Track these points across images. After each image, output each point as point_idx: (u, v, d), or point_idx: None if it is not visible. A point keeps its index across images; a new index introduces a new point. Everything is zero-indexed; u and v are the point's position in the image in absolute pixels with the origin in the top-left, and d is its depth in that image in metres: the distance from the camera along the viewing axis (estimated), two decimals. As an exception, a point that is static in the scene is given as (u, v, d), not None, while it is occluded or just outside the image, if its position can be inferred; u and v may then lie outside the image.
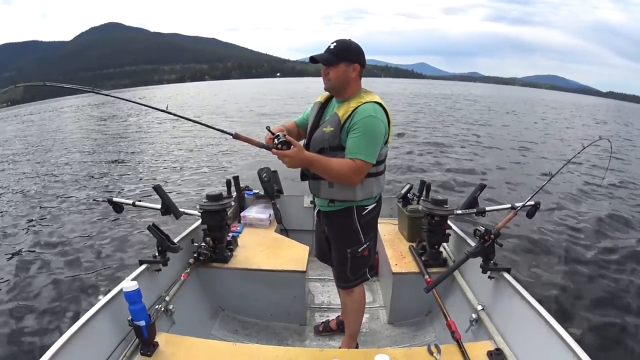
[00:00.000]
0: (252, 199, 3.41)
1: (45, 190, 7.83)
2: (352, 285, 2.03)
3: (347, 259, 1.94)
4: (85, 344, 1.49)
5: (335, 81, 1.77)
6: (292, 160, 1.62)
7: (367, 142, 1.69)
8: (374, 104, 1.72)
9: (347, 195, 1.82)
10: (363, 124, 1.67)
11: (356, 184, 1.76)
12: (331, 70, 1.75)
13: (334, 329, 2.44)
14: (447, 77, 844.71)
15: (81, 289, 3.90)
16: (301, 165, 1.70)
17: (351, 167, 1.68)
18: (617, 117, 34.82)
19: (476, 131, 15.53)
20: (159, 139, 13.76)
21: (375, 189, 1.87)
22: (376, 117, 1.69)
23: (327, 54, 1.75)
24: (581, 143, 2.21)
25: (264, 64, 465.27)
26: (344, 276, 2.01)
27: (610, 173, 8.80)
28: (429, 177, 7.03)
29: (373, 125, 1.69)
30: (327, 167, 1.69)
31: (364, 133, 1.68)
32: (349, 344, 2.16)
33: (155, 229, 2.07)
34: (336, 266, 2.05)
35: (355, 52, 1.77)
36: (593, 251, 4.85)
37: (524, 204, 2.16)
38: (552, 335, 1.47)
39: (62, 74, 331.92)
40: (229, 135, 1.68)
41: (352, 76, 1.77)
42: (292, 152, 1.60)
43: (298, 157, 1.62)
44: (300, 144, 1.68)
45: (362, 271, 2.01)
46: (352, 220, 1.87)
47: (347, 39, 1.79)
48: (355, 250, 1.91)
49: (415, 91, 56.05)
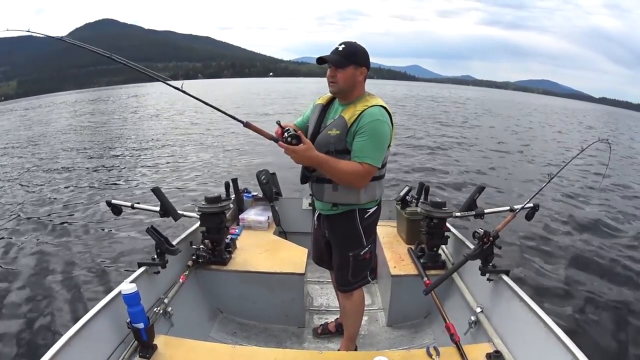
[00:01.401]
0: (250, 201, 3.41)
1: (43, 192, 7.80)
2: (353, 289, 2.03)
3: (349, 263, 1.93)
4: (84, 346, 1.48)
5: (343, 84, 1.75)
6: (299, 157, 1.61)
7: (375, 145, 1.69)
8: (380, 108, 1.72)
9: (351, 198, 1.82)
10: (370, 127, 1.67)
11: (362, 187, 1.77)
12: (339, 72, 1.73)
13: (333, 332, 2.43)
14: (440, 79, 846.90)
15: (80, 291, 3.88)
16: (308, 162, 1.67)
17: (359, 171, 1.68)
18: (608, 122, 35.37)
19: (475, 134, 15.59)
20: (157, 140, 13.73)
21: (378, 192, 1.88)
22: (383, 121, 1.70)
23: (336, 56, 1.73)
24: (580, 145, 2.22)
25: (257, 64, 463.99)
26: (345, 280, 2.00)
27: (609, 174, 8.83)
28: (427, 180, 7.04)
29: (380, 129, 1.69)
30: (335, 168, 1.68)
31: (372, 137, 1.68)
32: (347, 347, 2.15)
33: (153, 231, 2.07)
34: (337, 270, 2.03)
35: (363, 55, 1.77)
36: (592, 253, 4.86)
37: (523, 206, 2.16)
38: (550, 337, 1.47)
39: (56, 70, 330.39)
40: (240, 122, 1.62)
41: (359, 79, 1.77)
42: (302, 149, 1.59)
43: (307, 154, 1.61)
44: (310, 143, 1.65)
45: (364, 274, 2.00)
46: (354, 224, 1.87)
47: (354, 41, 1.78)
48: (357, 253, 1.91)
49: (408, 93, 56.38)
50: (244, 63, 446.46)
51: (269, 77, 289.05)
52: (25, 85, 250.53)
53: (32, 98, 76.08)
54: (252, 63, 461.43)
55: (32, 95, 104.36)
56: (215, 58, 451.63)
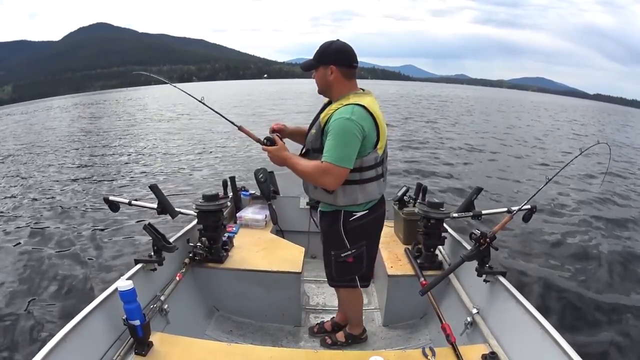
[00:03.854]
0: (248, 199, 3.41)
1: (40, 189, 7.79)
2: (337, 286, 2.12)
3: (331, 261, 1.98)
4: (80, 343, 1.48)
5: (319, 85, 1.82)
6: (272, 156, 1.79)
7: (336, 144, 1.64)
8: (354, 106, 1.66)
9: (327, 198, 1.84)
10: (334, 126, 1.65)
11: (330, 186, 1.71)
12: (315, 74, 1.80)
13: (329, 330, 2.43)
14: (434, 79, 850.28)
15: (76, 288, 3.88)
16: (279, 162, 1.79)
17: (317, 169, 1.67)
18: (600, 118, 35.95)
19: (473, 134, 15.59)
20: (154, 140, 13.72)
21: (361, 197, 1.79)
22: (350, 119, 1.63)
23: (308, 60, 1.81)
24: (579, 148, 2.22)
25: (251, 66, 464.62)
26: (329, 275, 2.08)
27: (608, 177, 8.86)
28: (425, 180, 7.05)
29: (344, 127, 1.63)
30: (295, 167, 1.76)
31: (334, 135, 1.65)
32: (352, 329, 2.31)
33: (151, 228, 2.06)
34: (324, 265, 2.10)
35: (331, 54, 1.74)
36: (590, 255, 4.87)
37: (520, 207, 2.16)
38: (546, 339, 1.48)
39: (50, 74, 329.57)
40: (235, 126, 1.92)
41: (330, 78, 1.75)
42: (272, 149, 1.79)
43: (277, 154, 1.78)
44: (283, 144, 1.82)
45: (348, 277, 2.02)
46: (338, 224, 1.87)
47: (331, 40, 1.77)
48: (337, 254, 1.93)
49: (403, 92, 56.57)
50: (238, 65, 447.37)
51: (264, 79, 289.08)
52: (20, 90, 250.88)
53: (28, 103, 75.75)
54: (246, 65, 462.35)
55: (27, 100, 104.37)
56: (209, 61, 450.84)
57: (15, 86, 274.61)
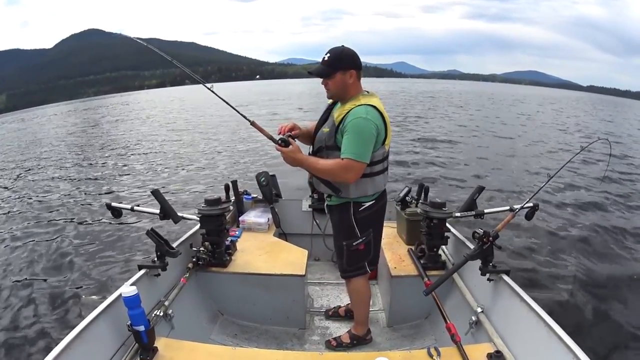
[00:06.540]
0: (250, 203, 3.41)
1: (43, 196, 7.81)
2: (349, 276, 2.18)
3: (343, 251, 2.08)
4: (85, 349, 1.48)
5: (335, 90, 1.89)
6: (286, 157, 1.87)
7: (356, 142, 1.78)
8: (367, 107, 1.80)
9: (338, 192, 1.94)
10: (352, 125, 1.78)
11: (351, 180, 1.84)
12: (329, 81, 1.86)
13: (342, 315, 2.57)
14: (426, 75, 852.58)
15: (80, 294, 3.88)
16: (293, 163, 1.88)
17: (339, 165, 1.80)
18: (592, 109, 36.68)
19: (473, 133, 15.54)
20: (156, 145, 13.73)
21: (370, 189, 1.95)
22: (366, 118, 1.77)
23: (322, 67, 1.85)
24: (580, 144, 2.22)
25: (244, 67, 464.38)
26: (341, 267, 2.18)
27: (609, 173, 8.82)
28: (427, 180, 7.03)
29: (362, 126, 1.77)
30: (314, 167, 1.88)
31: (353, 134, 1.78)
32: (357, 329, 2.32)
33: (153, 233, 2.06)
34: (336, 256, 2.23)
35: (348, 59, 1.86)
36: (592, 252, 4.86)
37: (523, 205, 2.16)
38: (551, 336, 1.47)
39: (44, 82, 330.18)
40: (248, 120, 1.96)
41: (350, 82, 1.87)
42: (287, 150, 1.86)
43: (291, 156, 1.86)
44: (297, 146, 1.88)
45: (360, 264, 2.12)
46: (348, 215, 2.00)
47: (340, 46, 1.86)
48: (350, 243, 2.03)
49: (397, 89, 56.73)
50: (230, 67, 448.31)
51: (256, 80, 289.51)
52: (14, 99, 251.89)
53: (23, 111, 75.89)
54: (238, 67, 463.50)
55: (22, 109, 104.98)
56: (201, 63, 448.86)
57: (9, 95, 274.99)
